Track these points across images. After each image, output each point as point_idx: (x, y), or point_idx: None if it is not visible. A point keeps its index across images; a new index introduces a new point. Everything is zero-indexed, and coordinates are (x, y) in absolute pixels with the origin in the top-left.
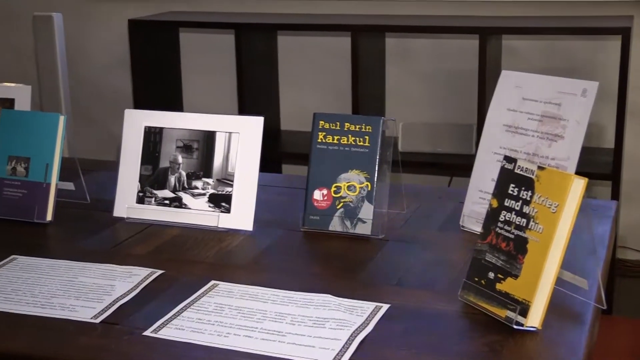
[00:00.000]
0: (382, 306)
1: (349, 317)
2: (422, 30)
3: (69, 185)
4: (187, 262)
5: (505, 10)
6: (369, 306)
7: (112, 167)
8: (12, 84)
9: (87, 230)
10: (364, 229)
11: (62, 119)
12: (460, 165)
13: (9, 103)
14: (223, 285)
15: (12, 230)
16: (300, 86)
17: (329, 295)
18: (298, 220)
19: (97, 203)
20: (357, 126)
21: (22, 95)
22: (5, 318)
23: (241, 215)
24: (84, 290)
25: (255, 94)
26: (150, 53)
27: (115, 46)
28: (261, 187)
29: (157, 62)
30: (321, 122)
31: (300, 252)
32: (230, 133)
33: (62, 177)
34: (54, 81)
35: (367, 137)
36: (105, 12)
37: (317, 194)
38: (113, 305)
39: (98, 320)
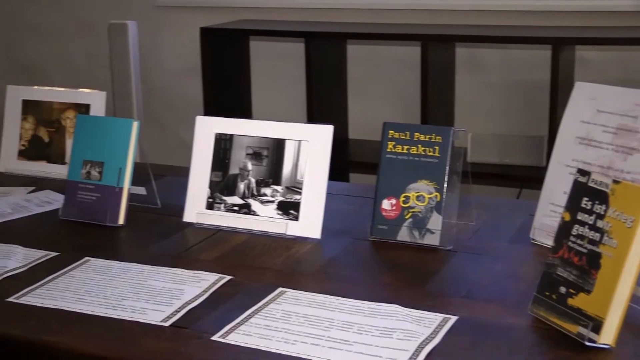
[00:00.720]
0: (450, 318)
1: (417, 328)
2: (493, 40)
3: (141, 190)
4: (255, 268)
5: (579, 21)
6: (436, 317)
7: (182, 173)
8: (88, 90)
9: (158, 234)
10: (433, 240)
11: (135, 124)
12: (529, 178)
13: (84, 108)
14: (290, 293)
15: (86, 232)
16: (369, 95)
17: (397, 306)
18: (366, 229)
19: (167, 208)
20: (427, 136)
21: (97, 101)
22: (78, 318)
23: (309, 223)
24: (154, 294)
25: (324, 102)
26: (221, 61)
27: (186, 54)
28: (329, 195)
29: (227, 70)
30: (391, 131)
31: (367, 262)
32: (300, 141)
33: (134, 181)
34: (127, 87)
35: (436, 147)
36: (178, 21)
37: (386, 204)
38: (182, 309)
39: (167, 324)
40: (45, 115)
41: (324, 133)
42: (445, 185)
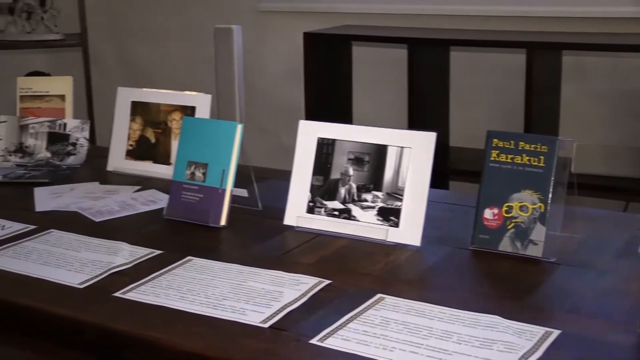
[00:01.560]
0: (552, 332)
1: (518, 340)
2: (602, 48)
3: (243, 192)
4: (354, 273)
5: None
6: (538, 331)
7: (283, 176)
8: (194, 93)
9: (258, 236)
10: (535, 251)
11: (239, 127)
12: (637, 190)
13: (190, 110)
14: (389, 299)
15: (189, 232)
16: (471, 103)
17: (497, 317)
18: (467, 238)
19: (268, 210)
20: (532, 145)
21: (202, 103)
22: (180, 316)
23: (410, 230)
24: (253, 295)
25: (425, 108)
26: (323, 65)
27: (289, 58)
28: (429, 202)
29: (329, 75)
30: (495, 140)
31: (468, 271)
32: (402, 147)
33: (237, 183)
34: (231, 91)
35: (542, 157)
36: (282, 25)
37: (488, 213)
38: (281, 311)
39: (267, 325)
40: (152, 117)
41: (426, 140)
42: (550, 196)
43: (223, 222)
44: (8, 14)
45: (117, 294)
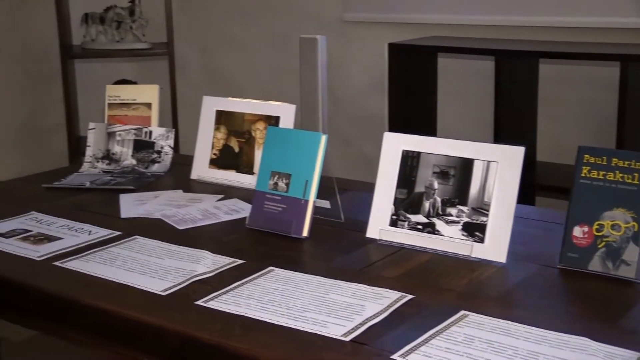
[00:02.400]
0: None
1: None
2: None
3: (325, 204)
4: (437, 289)
5: None
6: (630, 355)
7: (365, 188)
8: (279, 103)
9: (340, 248)
10: (628, 272)
11: (323, 138)
12: None
13: (274, 120)
14: (473, 317)
15: (271, 242)
16: (560, 116)
17: (586, 339)
18: (554, 256)
19: (350, 222)
20: (626, 162)
21: (287, 113)
22: (261, 326)
23: (495, 246)
24: (335, 307)
25: (512, 122)
26: (407, 77)
27: (372, 69)
28: (515, 218)
29: (413, 86)
30: (586, 155)
31: (555, 290)
32: (489, 162)
33: (319, 194)
34: (314, 101)
35: (636, 174)
36: (366, 36)
37: (578, 231)
38: (363, 325)
39: (348, 339)
40: (236, 126)
41: (514, 154)
42: None
43: (305, 233)
44: (99, 24)
45: (199, 302)
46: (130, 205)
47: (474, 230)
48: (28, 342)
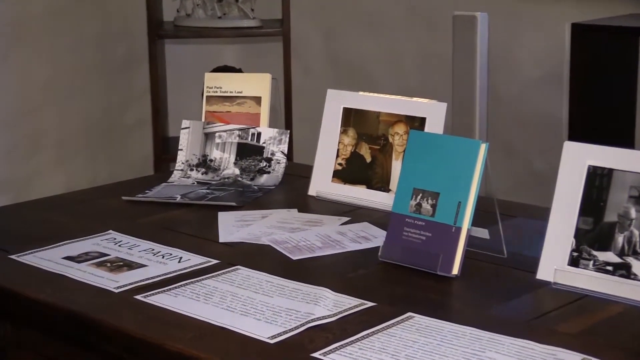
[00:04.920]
0: None
1: None
2: None
3: (483, 233)
4: (631, 352)
5: None
6: None
7: (536, 214)
8: (425, 100)
9: (501, 292)
10: None
11: (483, 147)
12: None
13: (418, 123)
14: None
15: (411, 281)
16: None
17: None
18: None
19: (515, 259)
20: None
21: (435, 114)
22: None
23: None
24: None
25: None
26: (596, 67)
27: (548, 58)
28: None
29: (604, 80)
30: None
31: None
32: None
33: (475, 221)
34: (471, 98)
35: None
36: (540, 14)
37: None
38: None
39: None
40: (369, 129)
41: None
42: None
43: (455, 270)
44: None
45: (316, 354)
46: (231, 227)
47: None
48: None
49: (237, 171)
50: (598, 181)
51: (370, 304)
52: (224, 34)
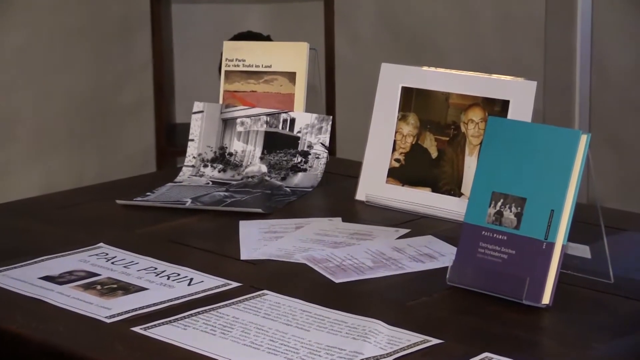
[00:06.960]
0: None
1: None
2: None
3: (584, 251)
4: None
5: None
6: None
7: None
8: (508, 78)
9: (606, 328)
10: None
11: (584, 139)
12: None
13: (500, 107)
14: None
15: (488, 311)
16: None
17: None
18: None
19: (625, 284)
20: None
21: (521, 95)
22: None
23: None
24: None
25: None
26: None
27: None
28: None
29: None
30: None
31: None
32: None
33: (572, 235)
34: (569, 77)
35: None
36: None
37: None
38: None
39: None
40: (435, 115)
41: None
42: None
43: (546, 299)
44: None
45: None
46: (256, 240)
47: None
48: None
49: (264, 168)
50: None
51: (435, 341)
52: None
